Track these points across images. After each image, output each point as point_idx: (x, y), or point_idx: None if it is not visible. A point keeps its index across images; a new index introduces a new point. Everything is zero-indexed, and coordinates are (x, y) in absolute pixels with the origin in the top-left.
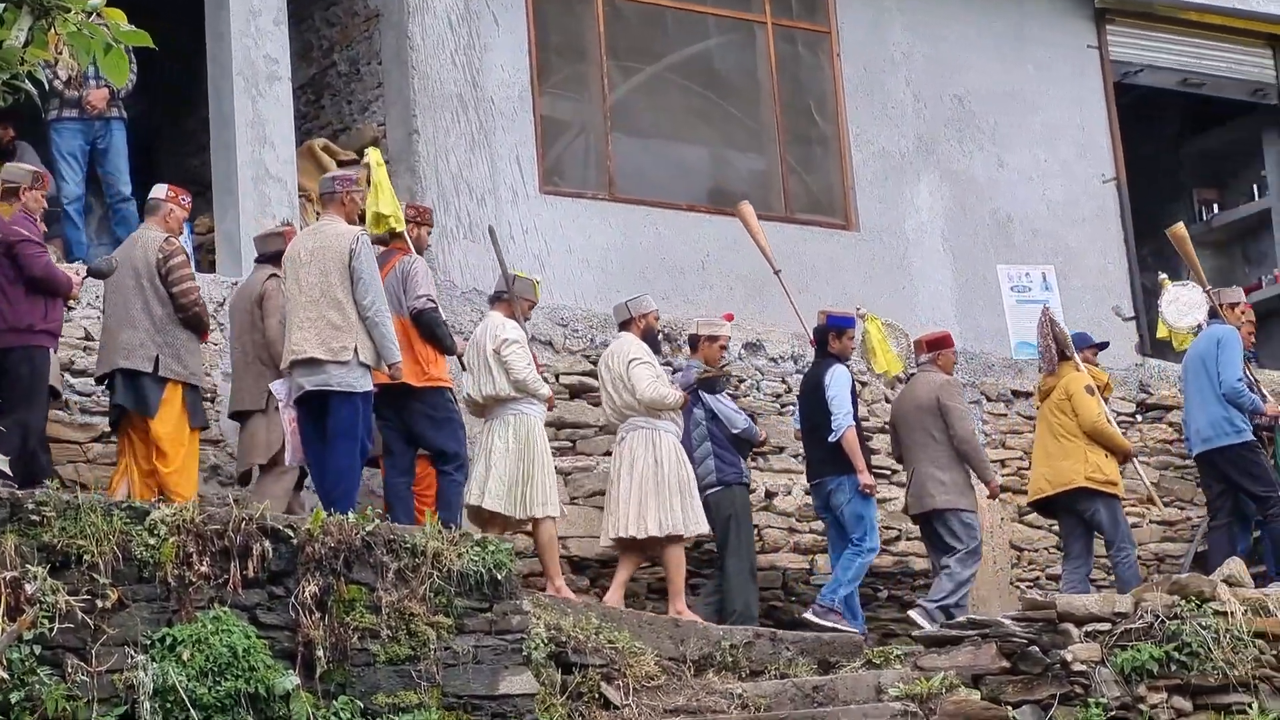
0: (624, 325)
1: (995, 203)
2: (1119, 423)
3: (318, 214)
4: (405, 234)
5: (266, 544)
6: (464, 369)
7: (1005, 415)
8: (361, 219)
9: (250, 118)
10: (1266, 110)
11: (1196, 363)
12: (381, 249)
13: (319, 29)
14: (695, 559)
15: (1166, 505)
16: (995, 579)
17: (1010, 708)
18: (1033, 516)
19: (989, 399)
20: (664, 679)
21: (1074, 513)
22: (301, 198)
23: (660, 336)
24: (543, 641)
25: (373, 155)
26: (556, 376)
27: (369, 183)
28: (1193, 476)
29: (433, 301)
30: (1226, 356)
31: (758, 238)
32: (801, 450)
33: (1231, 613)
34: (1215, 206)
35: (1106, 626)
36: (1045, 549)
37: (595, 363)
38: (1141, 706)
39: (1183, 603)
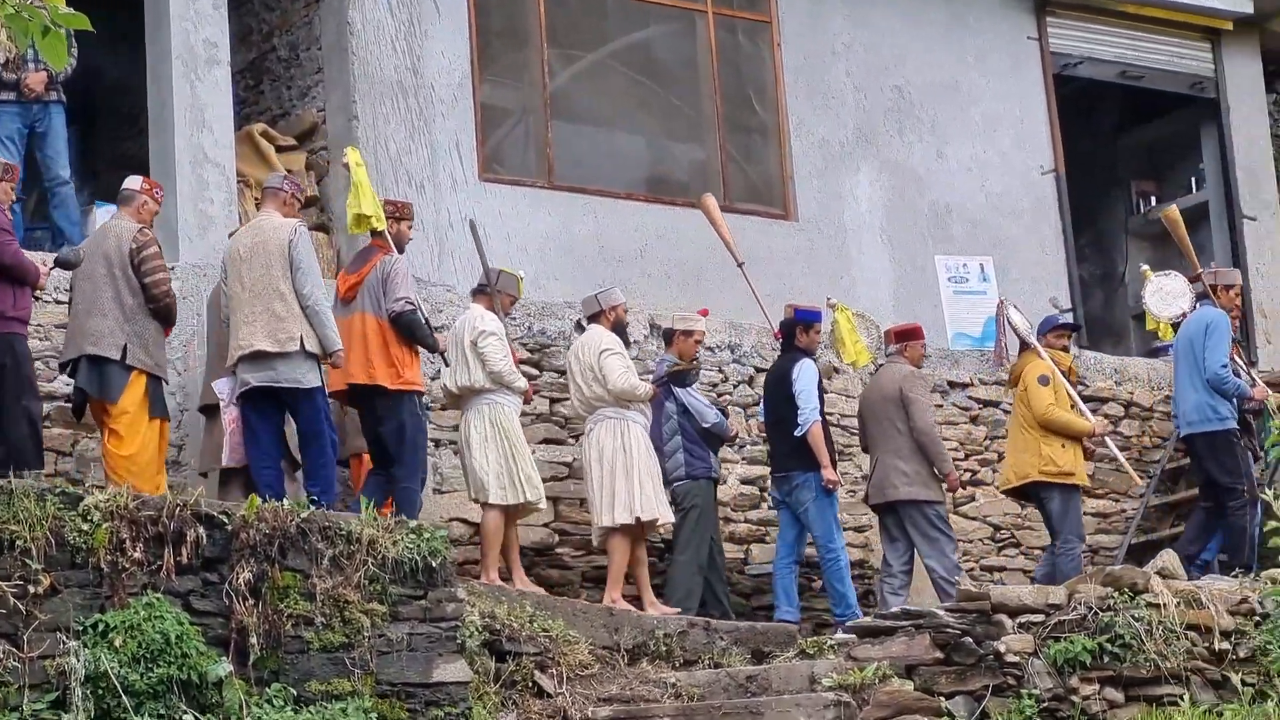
0: (593, 318)
1: (934, 193)
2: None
3: (256, 200)
4: (386, 233)
5: (200, 530)
6: (446, 364)
7: (941, 406)
8: (356, 226)
9: (189, 102)
10: (1205, 103)
11: (1185, 345)
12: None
13: (258, 13)
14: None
15: (1100, 497)
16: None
17: (943, 698)
18: (967, 508)
19: (937, 390)
20: (598, 668)
21: (1038, 501)
22: (240, 183)
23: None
24: (477, 629)
25: (351, 155)
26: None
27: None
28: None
29: (411, 304)
30: (1213, 341)
31: (721, 230)
32: (737, 441)
33: (1164, 605)
34: (1153, 199)
35: (1040, 618)
36: (980, 540)
37: (533, 350)
38: (1074, 698)
39: (1116, 594)
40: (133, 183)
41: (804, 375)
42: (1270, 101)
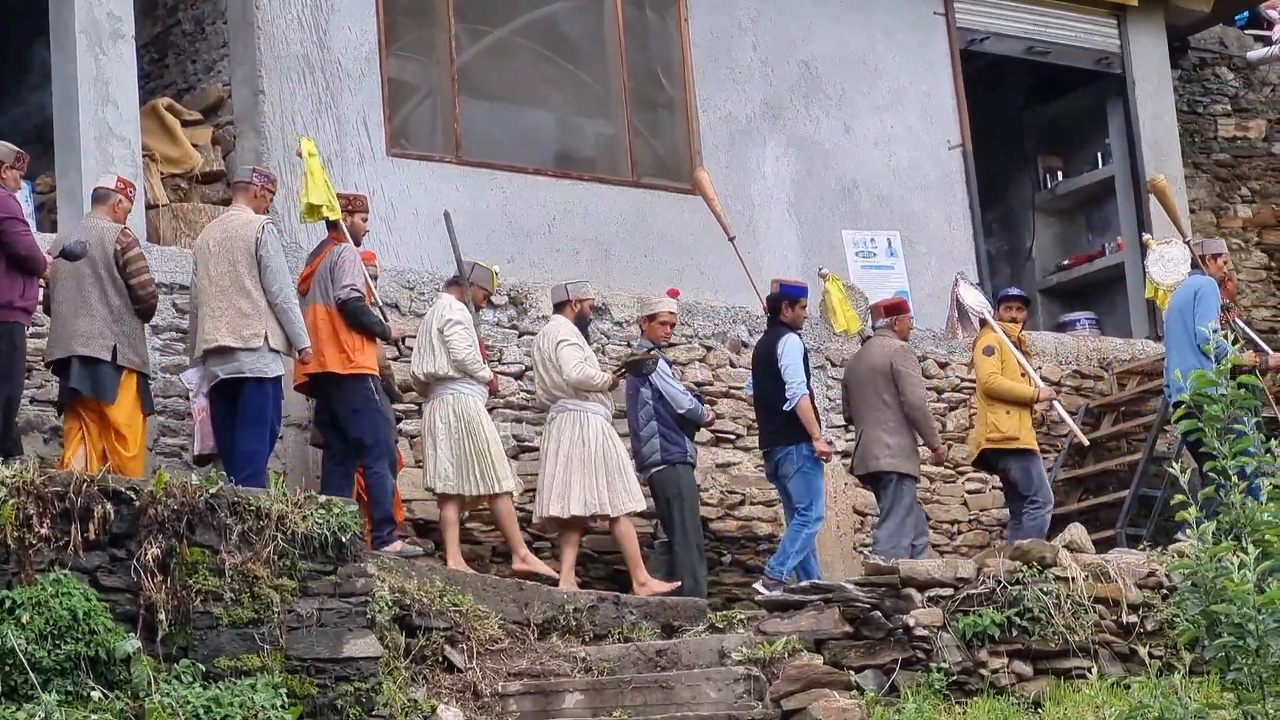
0: (559, 307)
1: (841, 168)
2: None
3: (162, 174)
4: (341, 223)
5: (108, 506)
6: (400, 352)
7: None
8: (309, 216)
9: (94, 76)
10: (1111, 79)
11: (1175, 314)
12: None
13: None
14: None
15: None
16: (838, 544)
17: (852, 672)
18: None
19: (833, 364)
20: (507, 642)
21: (1000, 471)
22: (145, 157)
23: (507, 301)
24: (387, 604)
25: (305, 145)
26: (403, 339)
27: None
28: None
29: (357, 291)
30: (1203, 308)
31: (713, 205)
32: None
33: (1072, 578)
34: (1059, 174)
35: (949, 592)
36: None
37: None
38: (983, 671)
39: (1024, 568)
40: (108, 181)
41: (789, 350)
42: (1175, 77)
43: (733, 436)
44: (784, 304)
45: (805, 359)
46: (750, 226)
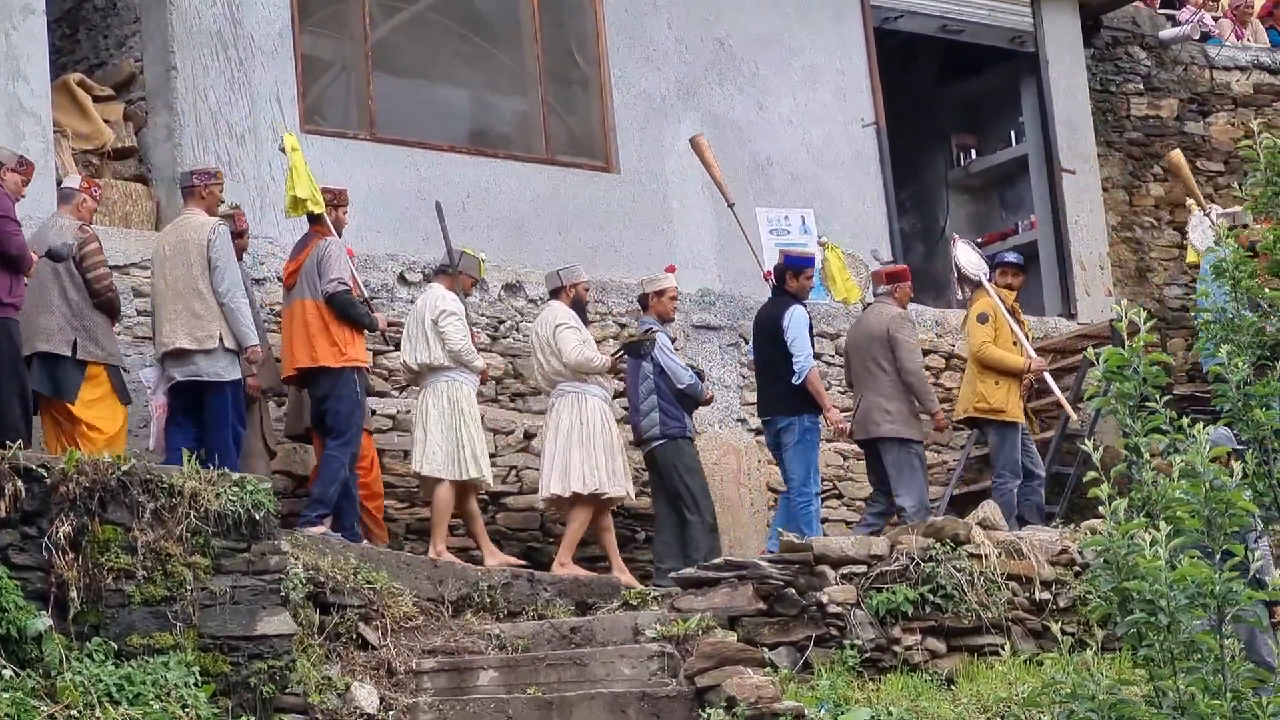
0: (554, 293)
1: (755, 146)
2: None
3: (73, 150)
4: (325, 217)
5: (19, 483)
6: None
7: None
8: (294, 210)
9: (4, 51)
10: (1024, 58)
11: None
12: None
13: None
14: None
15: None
16: (753, 521)
17: (766, 649)
18: None
19: (746, 341)
20: (422, 619)
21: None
22: (57, 133)
23: (422, 278)
24: (301, 582)
25: (288, 140)
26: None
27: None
28: (948, 421)
29: (344, 284)
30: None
31: (712, 170)
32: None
33: (985, 555)
34: (973, 152)
35: (863, 569)
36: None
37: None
38: (896, 648)
39: (938, 545)
40: (72, 181)
41: (795, 322)
42: (1088, 56)
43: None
44: (789, 274)
45: (810, 330)
46: (664, 204)
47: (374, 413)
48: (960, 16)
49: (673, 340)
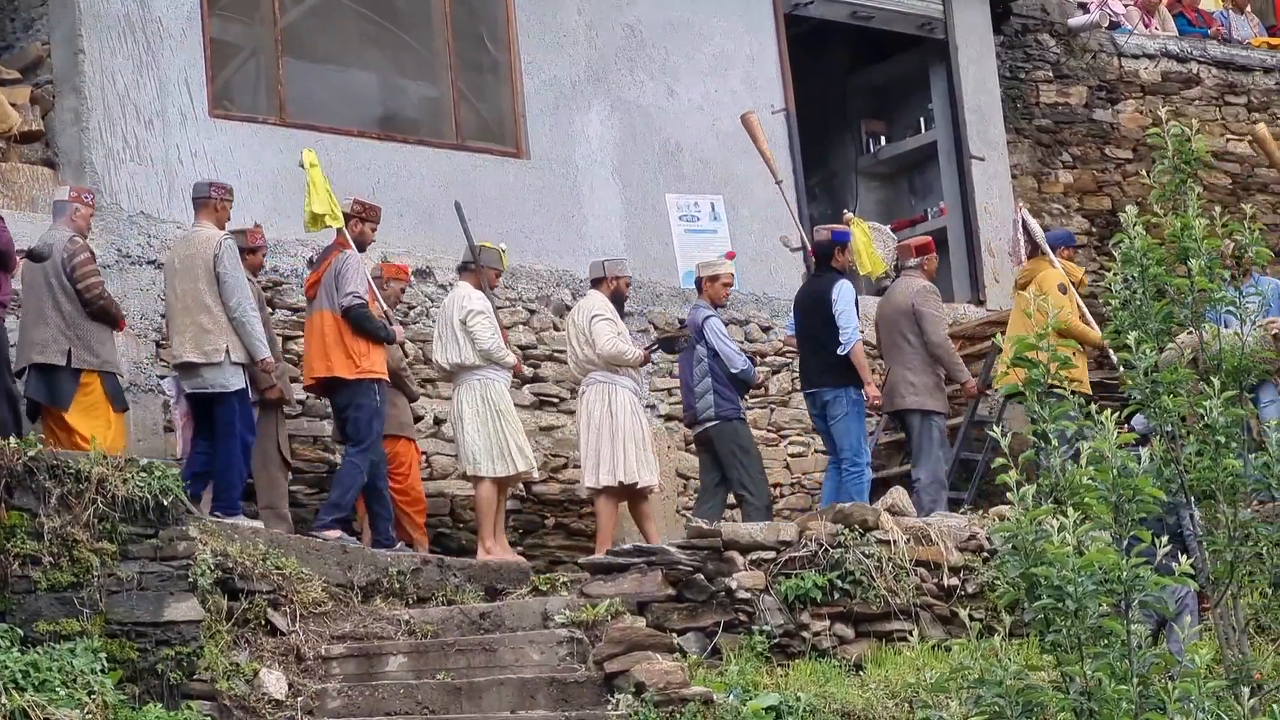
0: (595, 283)
1: (665, 132)
2: None
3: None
4: (345, 230)
5: None
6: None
7: None
8: (313, 225)
9: None
10: (934, 45)
11: None
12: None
13: None
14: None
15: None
16: (662, 506)
17: (675, 635)
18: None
19: (656, 327)
20: (331, 605)
21: None
22: None
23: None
24: (209, 568)
25: (307, 156)
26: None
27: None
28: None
29: (360, 298)
30: None
31: (761, 146)
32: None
33: (894, 541)
34: (882, 139)
35: (771, 555)
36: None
37: (265, 288)
38: (805, 634)
39: (846, 531)
40: (62, 193)
41: (843, 295)
42: (998, 43)
43: (555, 400)
44: (836, 250)
45: (856, 304)
46: (574, 189)
47: (419, 418)
48: (870, 3)
49: (727, 325)
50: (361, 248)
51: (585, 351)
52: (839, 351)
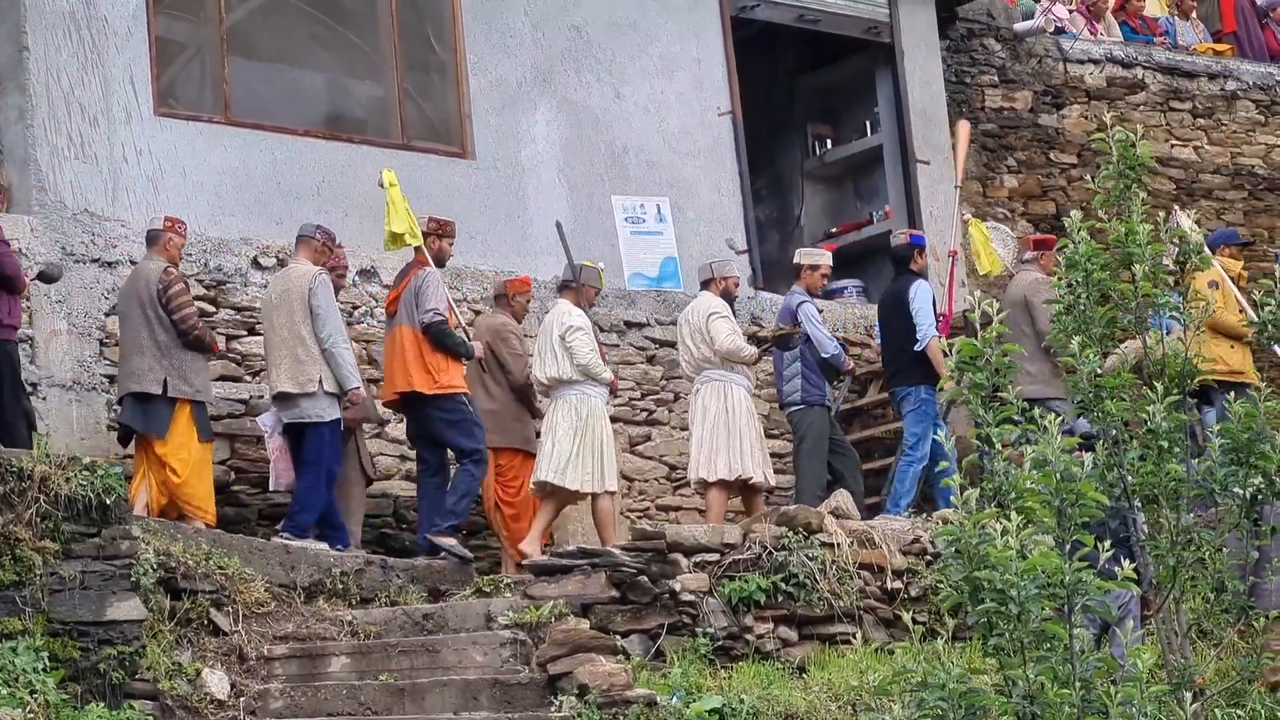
0: (705, 284)
1: (611, 134)
2: None
3: None
4: (424, 248)
5: None
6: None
7: (618, 346)
8: (392, 243)
9: None
10: (880, 48)
11: None
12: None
13: None
14: None
15: (776, 437)
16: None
17: (619, 637)
18: (643, 447)
19: (603, 329)
20: (274, 605)
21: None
22: None
23: (275, 261)
24: (152, 567)
25: (386, 176)
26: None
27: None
28: None
29: (440, 315)
30: None
31: (959, 154)
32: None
33: (838, 544)
34: (829, 142)
35: (715, 557)
36: (655, 479)
37: (209, 287)
38: (748, 636)
39: (790, 534)
40: (156, 223)
41: (920, 295)
42: (944, 47)
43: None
44: (915, 253)
45: (934, 303)
46: (519, 191)
47: (537, 434)
48: (817, 6)
49: (820, 311)
50: (440, 264)
51: (701, 350)
52: (915, 347)
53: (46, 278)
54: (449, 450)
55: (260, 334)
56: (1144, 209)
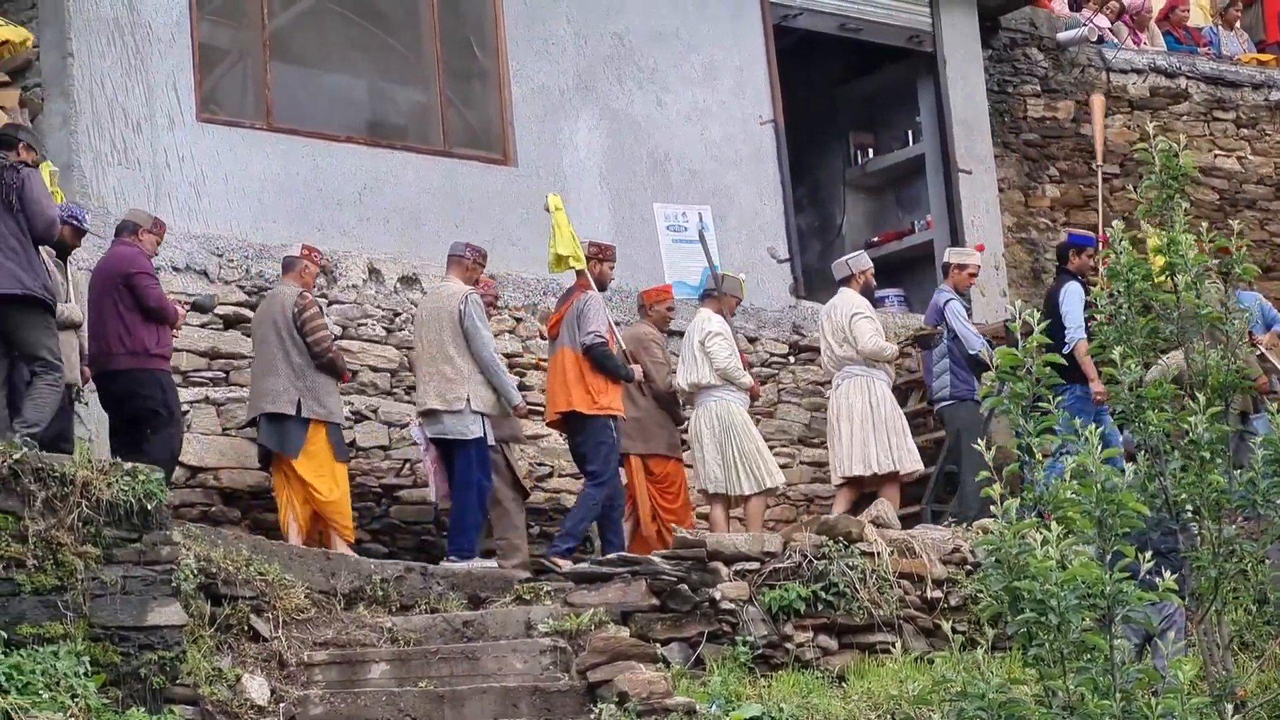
0: (844, 281)
1: (653, 142)
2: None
3: None
4: (586, 271)
5: None
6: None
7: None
8: (557, 266)
9: None
10: (922, 57)
11: None
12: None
13: None
14: None
15: (817, 446)
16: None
17: (659, 645)
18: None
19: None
20: (314, 612)
21: None
22: None
23: (319, 273)
24: (192, 573)
25: (551, 200)
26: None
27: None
28: None
29: (601, 337)
30: None
31: (1097, 127)
32: None
33: (878, 553)
34: (870, 151)
35: (755, 565)
36: (692, 489)
37: (250, 293)
38: (788, 645)
39: (830, 543)
40: (293, 249)
41: (1069, 296)
42: (986, 56)
43: (541, 409)
44: (1070, 252)
45: (1086, 305)
46: (561, 198)
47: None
48: (859, 15)
49: (968, 308)
50: (602, 287)
51: (844, 349)
52: (1063, 350)
53: (200, 308)
54: (581, 467)
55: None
56: (1186, 220)
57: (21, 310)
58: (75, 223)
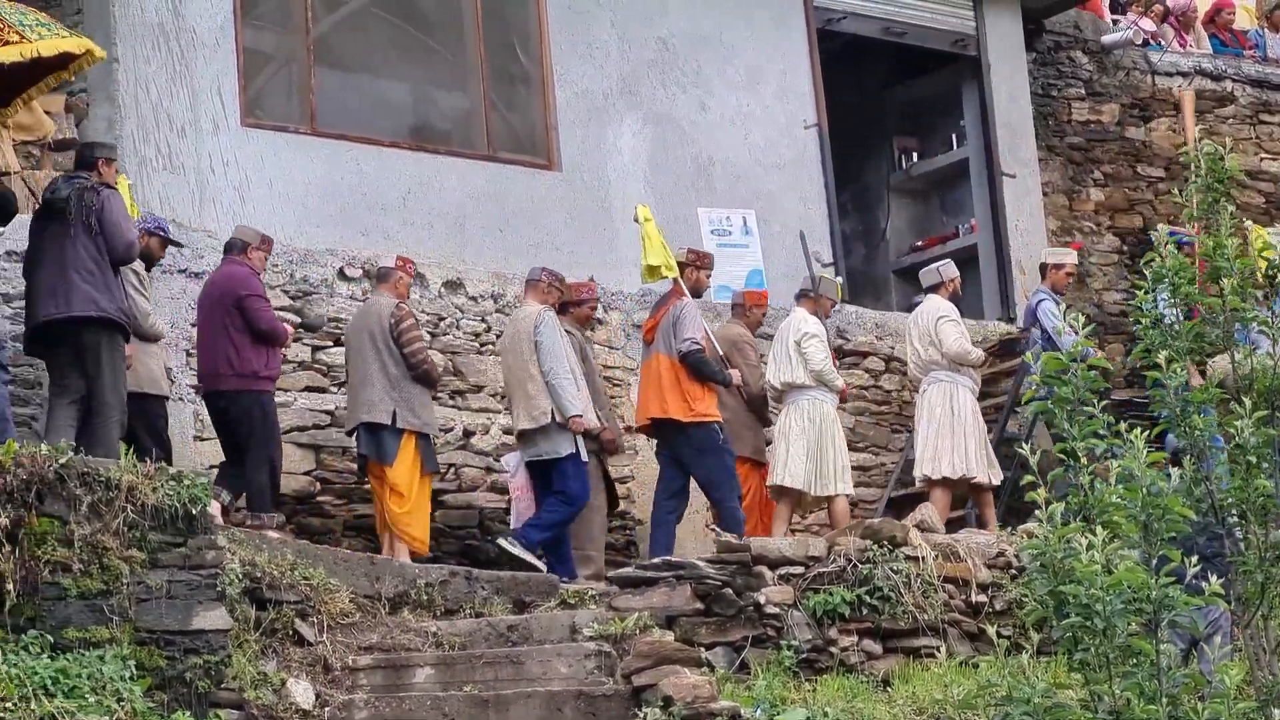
0: (932, 288)
1: (697, 146)
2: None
3: (14, 141)
4: (680, 279)
5: None
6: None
7: None
8: (649, 276)
9: None
10: (966, 61)
11: None
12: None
13: None
14: None
15: (861, 450)
16: (689, 521)
17: (703, 649)
18: None
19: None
20: (358, 616)
21: None
22: None
23: (361, 272)
24: (237, 577)
25: (641, 211)
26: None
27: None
28: (887, 423)
29: (698, 344)
30: None
31: (1188, 122)
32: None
33: (923, 558)
34: (915, 155)
35: (800, 570)
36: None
37: (294, 298)
38: (833, 649)
39: (875, 547)
40: (388, 261)
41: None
42: (1030, 60)
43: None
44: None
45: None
46: (605, 202)
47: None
48: (902, 19)
49: (1059, 307)
50: (697, 295)
51: (930, 352)
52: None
53: (310, 326)
54: (693, 479)
55: (343, 344)
56: (1232, 223)
57: (95, 331)
58: (162, 234)
